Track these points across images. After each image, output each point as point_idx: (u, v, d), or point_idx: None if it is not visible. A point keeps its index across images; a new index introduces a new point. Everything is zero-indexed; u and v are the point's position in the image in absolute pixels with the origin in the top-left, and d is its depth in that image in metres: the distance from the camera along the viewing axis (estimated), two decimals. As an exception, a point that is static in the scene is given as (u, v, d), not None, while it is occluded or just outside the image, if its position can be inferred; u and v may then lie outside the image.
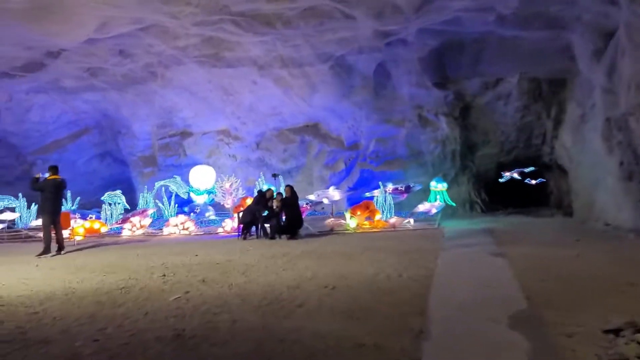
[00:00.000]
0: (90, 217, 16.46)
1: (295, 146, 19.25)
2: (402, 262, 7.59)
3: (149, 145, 20.31)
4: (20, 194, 16.26)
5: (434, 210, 13.96)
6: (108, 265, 8.56)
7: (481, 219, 14.96)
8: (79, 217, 16.18)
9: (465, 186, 17.17)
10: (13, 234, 15.47)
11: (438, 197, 15.37)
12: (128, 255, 9.92)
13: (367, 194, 15.27)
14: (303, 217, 12.93)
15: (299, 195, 13.31)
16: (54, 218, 10.49)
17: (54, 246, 10.50)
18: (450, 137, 16.80)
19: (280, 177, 17.42)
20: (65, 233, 14.06)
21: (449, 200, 15.63)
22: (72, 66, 15.83)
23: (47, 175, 10.56)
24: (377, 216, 13.66)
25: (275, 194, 12.95)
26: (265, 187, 15.21)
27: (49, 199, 10.36)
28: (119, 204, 17.53)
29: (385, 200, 14.32)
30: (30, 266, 8.86)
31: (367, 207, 13.63)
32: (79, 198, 18.22)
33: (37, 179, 10.57)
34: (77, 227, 14.96)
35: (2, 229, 15.15)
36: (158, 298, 5.80)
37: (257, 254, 9.22)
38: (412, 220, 13.55)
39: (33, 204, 15.79)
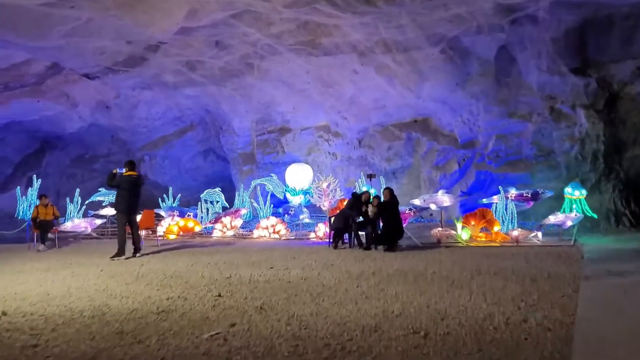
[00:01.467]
0: (188, 215, 16.28)
1: (401, 144, 18.02)
2: (527, 296, 5.78)
3: (249, 141, 20.14)
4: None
5: (569, 223, 12.09)
6: (171, 275, 7.73)
7: (631, 236, 12.53)
8: (177, 215, 16.05)
9: (610, 194, 14.61)
10: (114, 229, 15.63)
11: (574, 206, 13.34)
12: (200, 262, 9.05)
13: (484, 201, 13.94)
14: (404, 225, 11.53)
15: (403, 199, 11.98)
16: (129, 217, 9.96)
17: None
18: (592, 135, 14.52)
19: (381, 178, 16.18)
20: (160, 231, 14.02)
21: (589, 210, 13.46)
22: (171, 60, 15.88)
23: (124, 170, 9.99)
24: (496, 228, 12.12)
25: (372, 197, 11.50)
26: (364, 189, 13.91)
27: (124, 197, 9.82)
28: (218, 202, 17.37)
29: (506, 209, 12.75)
30: (96, 270, 8.33)
31: (484, 216, 12.14)
32: (179, 195, 18.26)
33: (114, 174, 10.02)
34: (172, 226, 14.75)
35: (103, 224, 15.27)
36: (193, 332, 4.59)
37: (342, 271, 7.86)
38: (540, 235, 11.79)
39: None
